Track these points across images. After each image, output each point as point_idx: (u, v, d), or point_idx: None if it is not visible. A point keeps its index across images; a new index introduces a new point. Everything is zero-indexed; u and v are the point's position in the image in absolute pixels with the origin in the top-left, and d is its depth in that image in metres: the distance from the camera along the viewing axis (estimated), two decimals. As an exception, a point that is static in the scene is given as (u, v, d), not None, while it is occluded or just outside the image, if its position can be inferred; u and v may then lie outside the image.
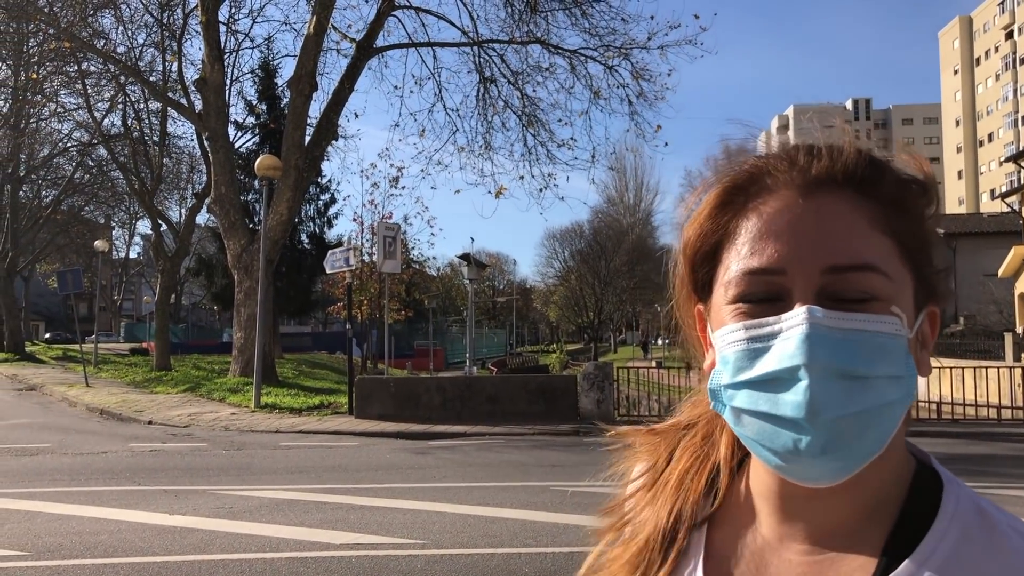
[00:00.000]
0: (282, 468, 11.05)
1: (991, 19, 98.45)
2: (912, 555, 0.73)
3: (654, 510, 0.91)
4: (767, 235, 0.75)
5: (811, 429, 0.70)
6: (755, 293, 0.75)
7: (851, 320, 0.71)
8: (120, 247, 65.79)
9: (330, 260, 20.74)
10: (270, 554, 6.67)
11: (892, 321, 0.72)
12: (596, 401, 15.96)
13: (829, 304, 0.72)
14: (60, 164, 38.45)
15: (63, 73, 28.89)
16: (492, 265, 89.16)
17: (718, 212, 0.80)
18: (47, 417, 17.77)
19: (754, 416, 0.74)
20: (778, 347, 0.72)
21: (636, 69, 23.17)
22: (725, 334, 0.76)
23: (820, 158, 0.77)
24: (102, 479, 10.26)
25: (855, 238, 0.73)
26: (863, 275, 0.72)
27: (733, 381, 0.75)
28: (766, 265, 0.74)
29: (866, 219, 0.74)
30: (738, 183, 0.80)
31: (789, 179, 0.77)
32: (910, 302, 0.76)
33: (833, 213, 0.74)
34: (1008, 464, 11.54)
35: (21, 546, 6.96)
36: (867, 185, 0.76)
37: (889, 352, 0.72)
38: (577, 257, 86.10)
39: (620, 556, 0.91)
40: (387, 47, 24.36)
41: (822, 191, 0.75)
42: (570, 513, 8.01)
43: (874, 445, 0.72)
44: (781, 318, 0.72)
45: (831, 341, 0.70)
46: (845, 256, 0.72)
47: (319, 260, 28.06)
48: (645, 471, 0.95)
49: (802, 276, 0.73)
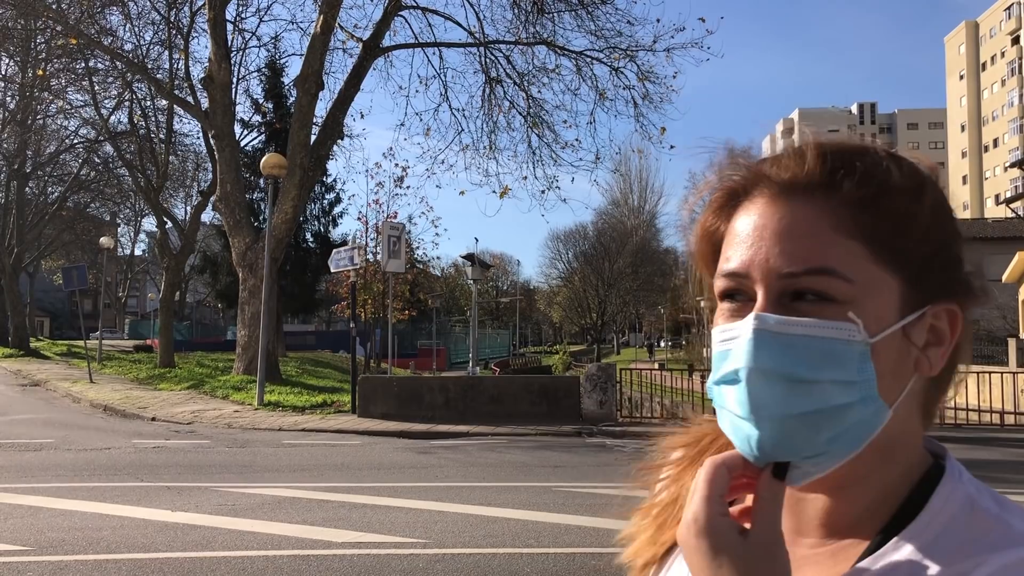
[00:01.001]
0: (285, 466, 11.07)
1: (997, 24, 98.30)
2: (894, 538, 0.75)
3: (680, 480, 0.94)
4: (740, 240, 0.79)
5: (755, 427, 0.74)
6: (730, 294, 0.79)
7: (796, 326, 0.73)
8: (125, 244, 65.87)
9: (335, 259, 20.77)
10: (272, 552, 6.69)
11: (844, 327, 0.73)
12: (599, 402, 15.96)
13: (786, 308, 0.74)
14: (66, 161, 38.53)
15: (70, 70, 28.96)
16: (496, 265, 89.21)
17: (715, 215, 0.84)
18: (51, 413, 17.81)
19: (724, 412, 0.78)
20: (735, 349, 0.75)
21: (642, 71, 23.20)
22: (715, 334, 0.80)
23: (786, 165, 0.79)
24: (105, 475, 10.29)
25: (813, 242, 0.74)
26: (818, 279, 0.74)
27: (713, 379, 0.79)
28: (735, 269, 0.78)
29: (828, 222, 0.75)
30: (733, 187, 0.83)
31: (768, 184, 0.79)
32: (891, 303, 0.75)
33: (794, 218, 0.76)
34: (1011, 470, 11.52)
35: (24, 541, 6.99)
36: (830, 188, 0.76)
37: (837, 357, 0.72)
38: (581, 258, 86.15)
39: (650, 510, 0.95)
40: (393, 47, 24.39)
41: (790, 196, 0.77)
42: (572, 514, 8.02)
43: (843, 447, 0.74)
44: (740, 323, 0.76)
45: (775, 345, 0.73)
46: (800, 261, 0.74)
47: (323, 259, 28.17)
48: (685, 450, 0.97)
49: (762, 280, 0.76)
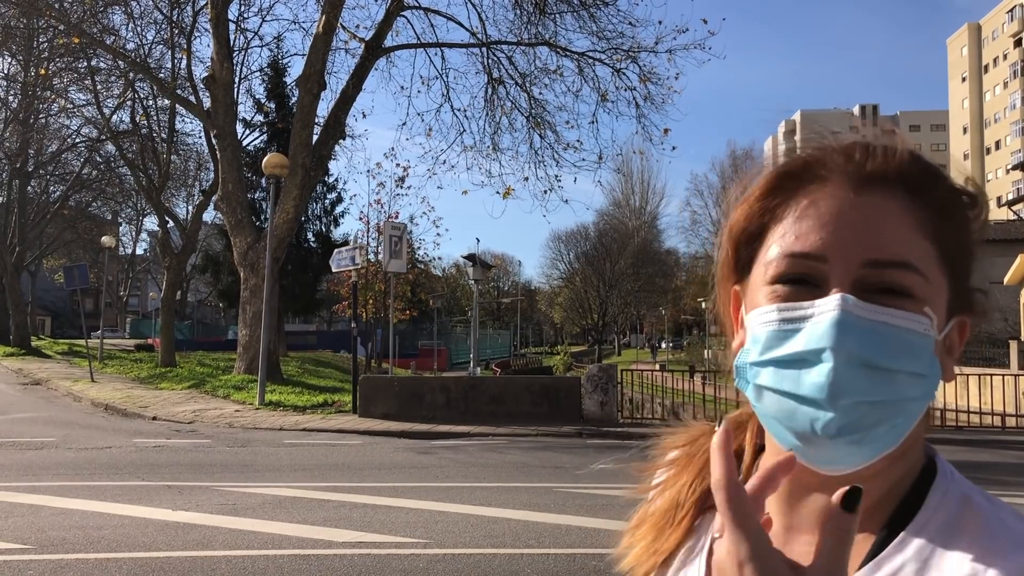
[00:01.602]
0: (285, 466, 11.07)
1: (1000, 27, 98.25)
2: (891, 544, 0.75)
3: (676, 484, 0.94)
4: (813, 222, 0.77)
5: (829, 410, 0.72)
6: (793, 276, 0.77)
7: (882, 313, 0.73)
8: (127, 243, 65.94)
9: (336, 259, 20.77)
10: (273, 551, 6.69)
11: (923, 321, 0.74)
12: (600, 403, 15.96)
13: (864, 296, 0.74)
14: (68, 160, 38.54)
15: (72, 69, 29.00)
16: (497, 266, 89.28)
17: (768, 195, 0.82)
18: (52, 411, 17.82)
19: (776, 394, 0.76)
20: (808, 329, 0.74)
21: (644, 72, 23.18)
22: (760, 314, 0.78)
23: (875, 156, 0.79)
24: (106, 474, 10.29)
25: (898, 236, 0.75)
26: (901, 272, 0.74)
27: (760, 359, 0.77)
28: (808, 250, 0.76)
29: (912, 220, 0.76)
30: (791, 170, 0.82)
31: (843, 172, 0.79)
32: (943, 307, 0.77)
33: (880, 210, 0.76)
34: (1012, 472, 11.52)
35: (24, 539, 6.99)
36: (918, 188, 0.78)
37: (915, 349, 0.73)
38: (582, 259, 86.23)
39: (647, 517, 0.95)
40: (396, 47, 24.39)
41: (873, 187, 0.77)
42: (572, 515, 8.02)
43: (890, 438, 0.74)
44: (815, 303, 0.74)
45: (860, 330, 0.72)
46: (886, 252, 0.74)
47: (325, 259, 28.18)
48: (682, 451, 0.98)
49: (842, 265, 0.75)
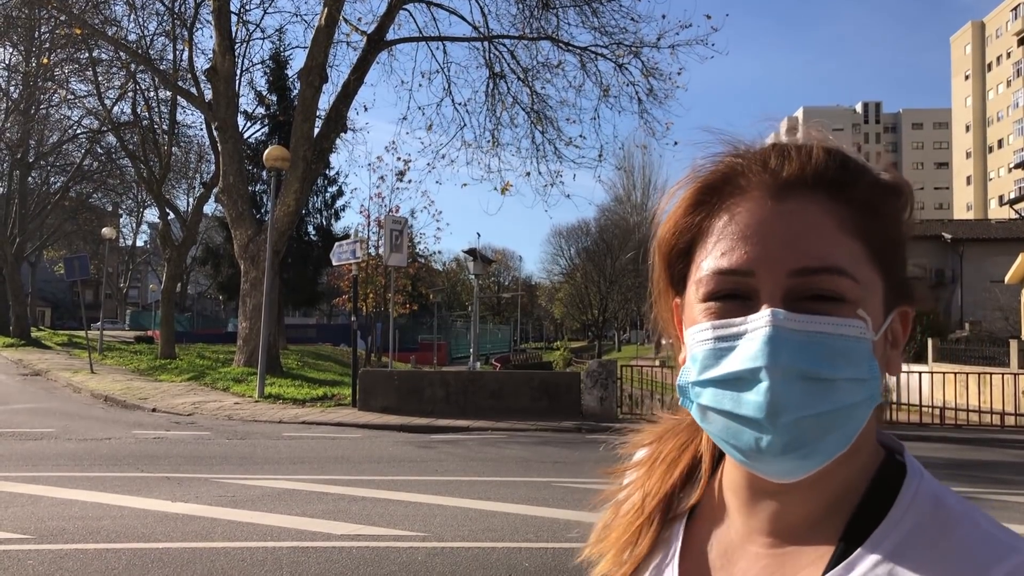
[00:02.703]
0: (285, 458, 11.08)
1: (1003, 25, 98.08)
2: (864, 543, 0.74)
3: (643, 488, 0.94)
4: (737, 236, 0.76)
5: (771, 429, 0.71)
6: (724, 292, 0.76)
7: (814, 323, 0.72)
8: (127, 235, 66.05)
9: (337, 252, 20.76)
10: (271, 543, 6.69)
11: (857, 324, 0.73)
12: (599, 399, 15.97)
13: (795, 306, 0.73)
14: (69, 151, 38.56)
15: (74, 60, 29.00)
16: (498, 261, 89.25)
17: (692, 210, 0.81)
18: (51, 402, 17.83)
19: (718, 414, 0.75)
20: (742, 347, 0.73)
21: (646, 67, 23.17)
22: (695, 332, 0.77)
23: (791, 160, 0.78)
24: (105, 465, 10.30)
25: (823, 241, 0.74)
26: (830, 278, 0.73)
27: (700, 379, 0.77)
28: (735, 266, 0.75)
29: (835, 222, 0.75)
30: (712, 183, 0.80)
31: (761, 181, 0.77)
32: (879, 304, 0.76)
33: (802, 216, 0.75)
34: (1011, 471, 11.53)
35: (24, 529, 7.00)
36: (837, 187, 0.76)
37: (852, 355, 0.72)
38: (583, 255, 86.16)
39: (613, 524, 0.95)
40: (397, 40, 24.37)
41: (792, 193, 0.76)
42: (571, 509, 8.02)
43: (838, 445, 0.73)
44: (747, 319, 0.74)
45: (793, 343, 0.71)
46: (812, 259, 0.73)
47: (325, 252, 28.16)
48: (649, 450, 0.98)
49: (770, 278, 0.74)
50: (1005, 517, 8.07)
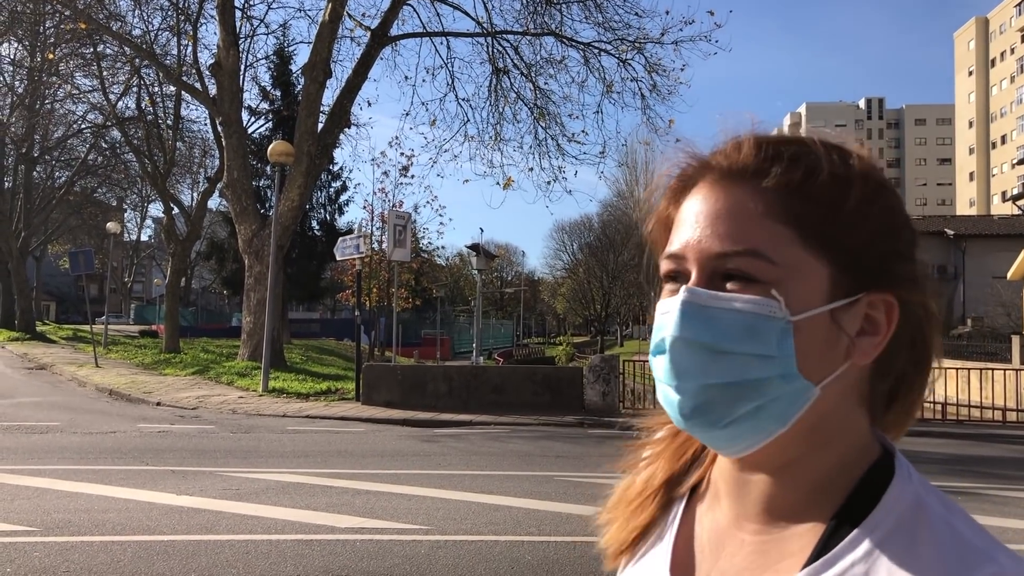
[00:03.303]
0: (289, 452, 11.13)
1: (1007, 20, 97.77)
2: (843, 541, 0.76)
3: (655, 464, 1.00)
4: (681, 223, 0.85)
5: (676, 392, 0.81)
6: (670, 274, 0.85)
7: (721, 300, 0.79)
8: (132, 229, 65.98)
9: (340, 247, 20.81)
10: (276, 536, 6.75)
11: (765, 303, 0.78)
12: (601, 393, 16.00)
13: (712, 285, 0.80)
14: (74, 145, 38.54)
15: (79, 55, 28.94)
16: (501, 256, 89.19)
17: (668, 201, 0.90)
18: (56, 396, 17.90)
19: (655, 379, 0.85)
20: (666, 321, 0.82)
21: (649, 63, 23.15)
22: (656, 310, 0.86)
23: (724, 155, 0.85)
24: (110, 458, 10.36)
25: (742, 225, 0.80)
26: (743, 259, 0.79)
27: (650, 350, 0.86)
28: (674, 251, 0.84)
29: (760, 207, 0.80)
30: (681, 180, 0.89)
31: (705, 176, 0.86)
32: (817, 287, 0.79)
33: (726, 203, 0.82)
34: (1012, 467, 11.55)
35: (30, 522, 7.06)
36: (763, 174, 0.81)
37: (758, 332, 0.78)
38: (586, 250, 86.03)
39: (624, 494, 1.01)
40: (401, 36, 24.37)
41: (726, 183, 0.83)
42: (573, 503, 8.07)
43: (766, 421, 0.79)
44: (674, 298, 0.82)
45: (699, 318, 0.79)
46: (727, 243, 0.80)
47: (329, 247, 28.14)
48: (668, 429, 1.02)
49: (696, 261, 0.82)
50: (1006, 513, 8.11)
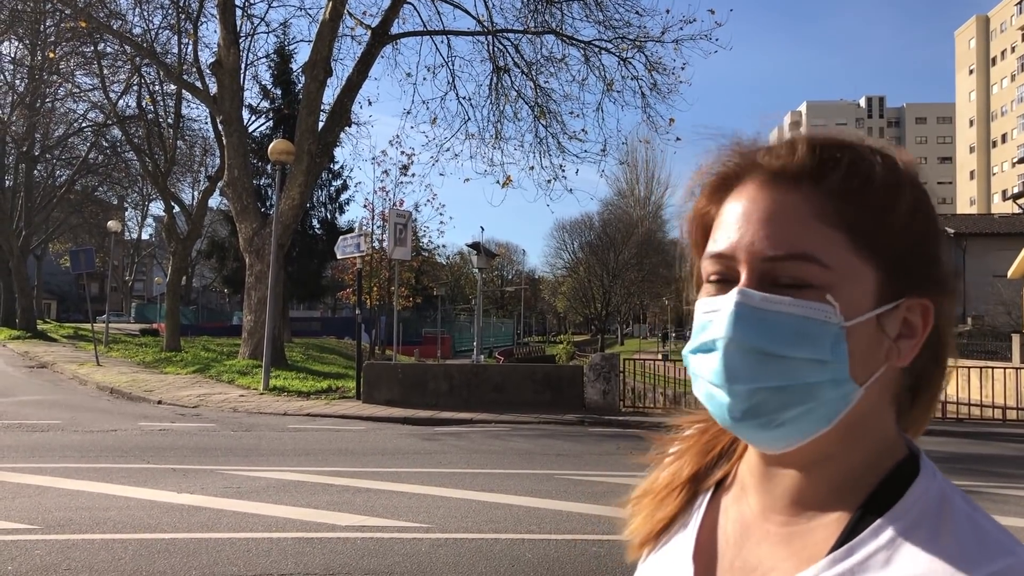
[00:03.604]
0: (289, 450, 11.15)
1: (1008, 19, 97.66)
2: (867, 530, 0.78)
3: (682, 459, 1.02)
4: (727, 224, 0.84)
5: (727, 395, 0.80)
6: (715, 274, 0.85)
7: (776, 303, 0.79)
8: (133, 228, 66.07)
9: (341, 246, 20.82)
10: (276, 534, 6.76)
11: (821, 308, 0.78)
12: (602, 392, 16.02)
13: (765, 288, 0.80)
14: (75, 144, 38.55)
15: (79, 53, 28.96)
16: (501, 255, 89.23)
17: (708, 199, 0.90)
18: (57, 394, 17.91)
19: (698, 379, 0.85)
20: (715, 322, 0.82)
21: (650, 62, 23.14)
22: (696, 308, 0.86)
23: (776, 155, 0.84)
24: (111, 457, 10.37)
25: (794, 229, 0.80)
26: (797, 264, 0.79)
27: (690, 348, 0.86)
28: (721, 251, 0.84)
29: (812, 210, 0.80)
30: (723, 176, 0.89)
31: (753, 175, 0.85)
32: (866, 292, 0.80)
33: (780, 205, 0.82)
34: (1012, 465, 11.55)
35: (31, 520, 7.07)
36: (818, 178, 0.82)
37: (813, 336, 0.78)
38: (586, 249, 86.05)
39: (651, 487, 1.03)
40: (402, 34, 24.37)
41: (778, 185, 0.83)
42: (574, 501, 8.08)
43: (813, 421, 0.80)
44: (723, 297, 0.82)
45: (754, 319, 0.79)
46: (782, 246, 0.80)
47: (330, 245, 28.16)
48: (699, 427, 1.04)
49: (747, 262, 0.81)
50: (1005, 511, 8.11)
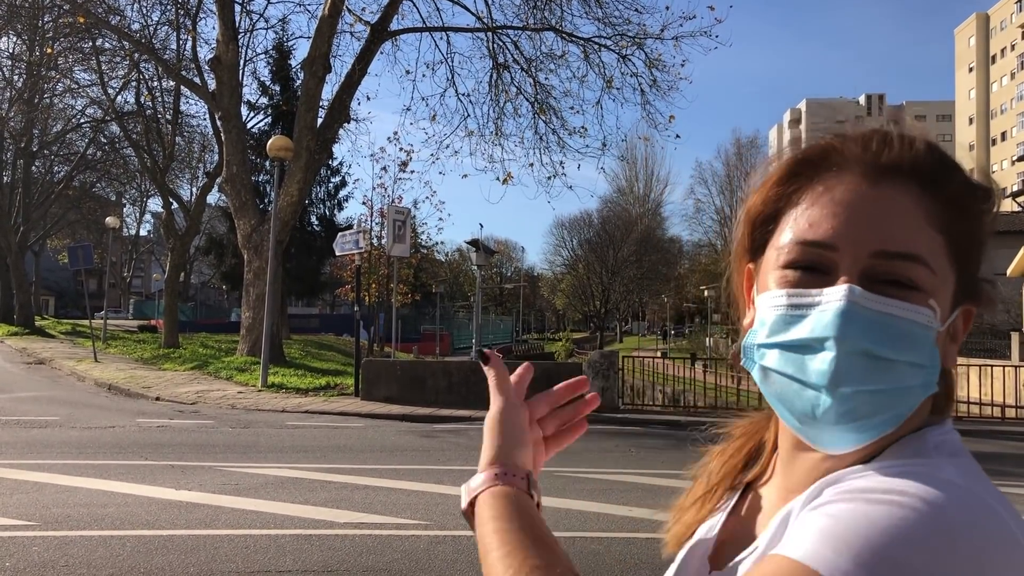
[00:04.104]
0: (288, 447, 11.13)
1: (1008, 17, 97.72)
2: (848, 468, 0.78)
3: (716, 463, 1.02)
4: (826, 210, 0.79)
5: (829, 397, 0.75)
6: (804, 263, 0.79)
7: (887, 305, 0.75)
8: (131, 224, 66.05)
9: (340, 242, 20.80)
10: (275, 531, 6.75)
11: (926, 313, 0.76)
12: (601, 389, 15.98)
13: (871, 286, 0.76)
14: (73, 140, 38.53)
15: (77, 49, 28.92)
16: (500, 252, 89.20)
17: (786, 181, 0.84)
18: (56, 391, 17.90)
19: (781, 376, 0.79)
20: (815, 316, 0.77)
21: (649, 59, 23.11)
22: (770, 297, 0.81)
23: (892, 146, 0.81)
24: (109, 453, 10.36)
25: (908, 228, 0.77)
26: (908, 265, 0.76)
27: (767, 341, 0.80)
28: (819, 238, 0.78)
29: (924, 213, 0.78)
30: (809, 157, 0.84)
31: (859, 161, 0.81)
32: (948, 298, 0.79)
33: (893, 201, 0.78)
34: (1011, 463, 11.54)
35: (29, 516, 7.05)
36: (931, 181, 0.79)
37: (917, 341, 0.76)
38: (585, 246, 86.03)
39: (691, 492, 1.04)
40: (401, 31, 24.32)
41: (887, 179, 0.79)
42: (572, 499, 8.07)
43: (889, 423, 0.77)
44: (823, 291, 0.77)
45: (864, 320, 0.75)
46: (895, 244, 0.76)
47: (328, 242, 28.16)
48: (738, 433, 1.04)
49: (851, 255, 0.77)
50: (1004, 508, 8.10)
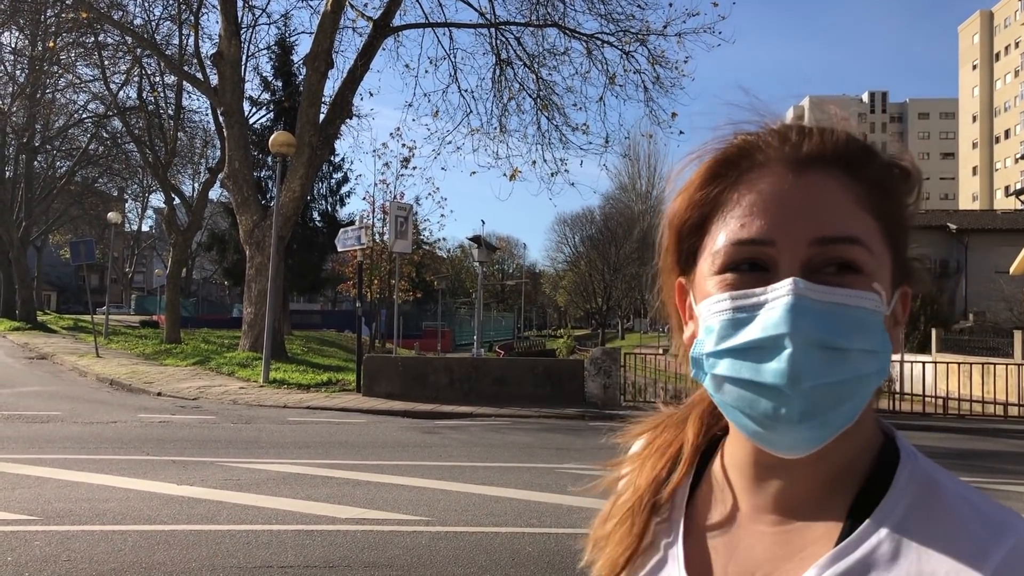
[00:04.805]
0: (289, 443, 11.13)
1: (1012, 14, 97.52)
2: (869, 519, 0.75)
3: (637, 478, 0.95)
4: (756, 207, 0.77)
5: (791, 396, 0.72)
6: (742, 262, 0.77)
7: (834, 294, 0.73)
8: (133, 220, 65.97)
9: (342, 238, 20.80)
10: (276, 526, 6.74)
11: (872, 297, 0.75)
12: (603, 386, 15.99)
13: (814, 276, 0.74)
14: (75, 135, 38.55)
15: (80, 44, 28.91)
16: (502, 248, 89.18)
17: (708, 184, 0.82)
18: (57, 386, 17.91)
19: (735, 384, 0.76)
20: (763, 316, 0.74)
21: (653, 55, 23.08)
22: (712, 303, 0.78)
23: (811, 136, 0.80)
24: (111, 448, 10.35)
25: (842, 212, 0.76)
26: (848, 247, 0.75)
27: (716, 349, 0.77)
28: (755, 236, 0.76)
29: (853, 197, 0.77)
30: (729, 156, 0.82)
31: (781, 155, 0.79)
32: (888, 280, 0.78)
33: (822, 188, 0.77)
34: (1014, 461, 11.54)
35: (31, 511, 7.05)
36: (855, 166, 0.79)
37: (867, 327, 0.74)
38: (587, 243, 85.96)
39: (611, 512, 0.96)
40: (404, 27, 24.30)
41: (812, 168, 0.78)
42: (574, 495, 8.06)
43: (846, 417, 0.75)
44: (767, 289, 0.75)
45: (814, 312, 0.72)
46: (832, 228, 0.75)
47: (330, 238, 28.15)
48: (645, 440, 1.00)
49: (789, 247, 0.75)
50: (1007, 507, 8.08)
